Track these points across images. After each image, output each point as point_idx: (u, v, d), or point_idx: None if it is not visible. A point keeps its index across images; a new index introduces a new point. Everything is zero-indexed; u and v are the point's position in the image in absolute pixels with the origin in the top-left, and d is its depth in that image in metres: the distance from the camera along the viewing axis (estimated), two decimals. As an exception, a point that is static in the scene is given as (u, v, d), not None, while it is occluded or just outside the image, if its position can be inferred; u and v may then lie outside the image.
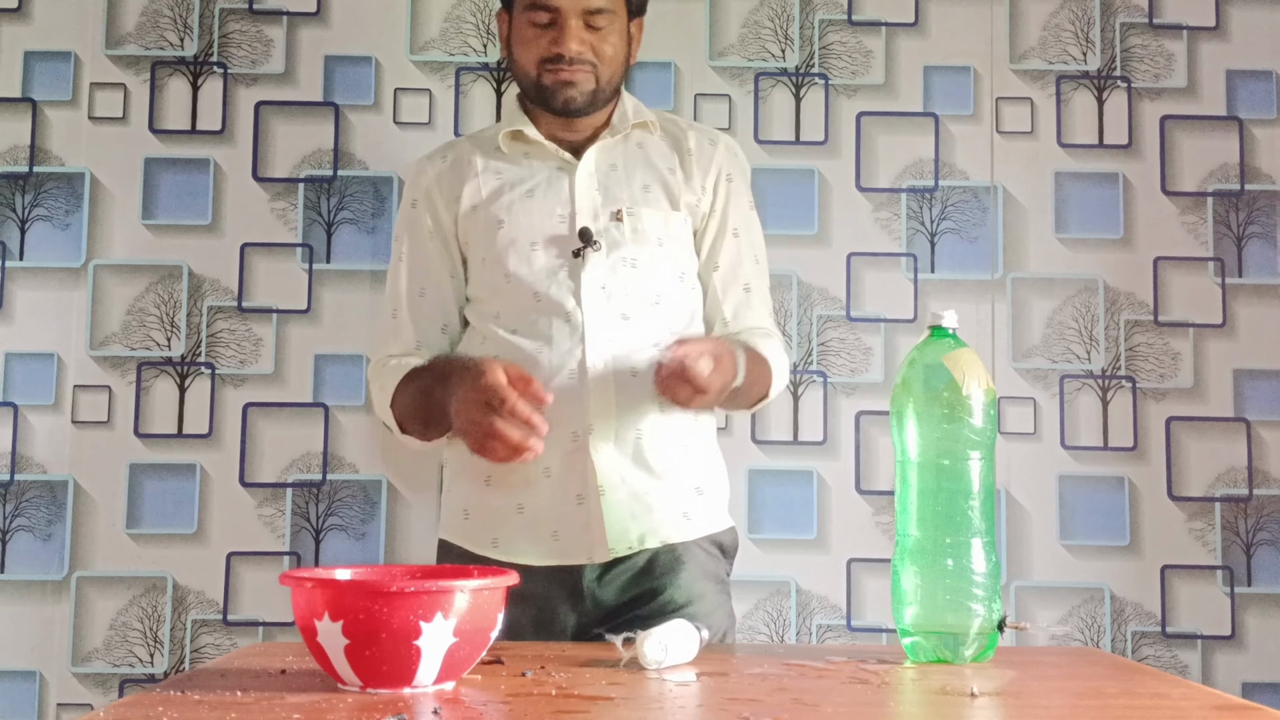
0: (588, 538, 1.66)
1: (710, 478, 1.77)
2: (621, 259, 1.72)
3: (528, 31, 1.75)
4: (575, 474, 1.66)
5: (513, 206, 1.75)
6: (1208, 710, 1.15)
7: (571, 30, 1.71)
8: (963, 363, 1.41)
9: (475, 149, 1.82)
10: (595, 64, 1.73)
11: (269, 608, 2.21)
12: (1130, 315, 2.28)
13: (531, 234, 1.73)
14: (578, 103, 1.74)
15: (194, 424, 2.23)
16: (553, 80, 1.73)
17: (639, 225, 1.74)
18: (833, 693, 1.22)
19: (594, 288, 1.70)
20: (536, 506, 1.67)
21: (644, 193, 1.77)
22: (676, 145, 1.82)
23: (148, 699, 1.13)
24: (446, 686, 1.20)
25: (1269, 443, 2.26)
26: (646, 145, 1.81)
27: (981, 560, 1.40)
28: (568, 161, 1.76)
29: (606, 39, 1.74)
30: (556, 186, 1.76)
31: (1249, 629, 2.23)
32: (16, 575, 2.20)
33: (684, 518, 1.71)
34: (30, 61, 2.28)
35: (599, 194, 1.75)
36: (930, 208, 2.29)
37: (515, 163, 1.78)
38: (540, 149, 1.78)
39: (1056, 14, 2.33)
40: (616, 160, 1.78)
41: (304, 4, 2.31)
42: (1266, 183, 2.31)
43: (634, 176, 1.78)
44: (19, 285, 2.25)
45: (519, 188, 1.76)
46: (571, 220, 1.73)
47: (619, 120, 1.79)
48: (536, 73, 1.74)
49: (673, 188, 1.78)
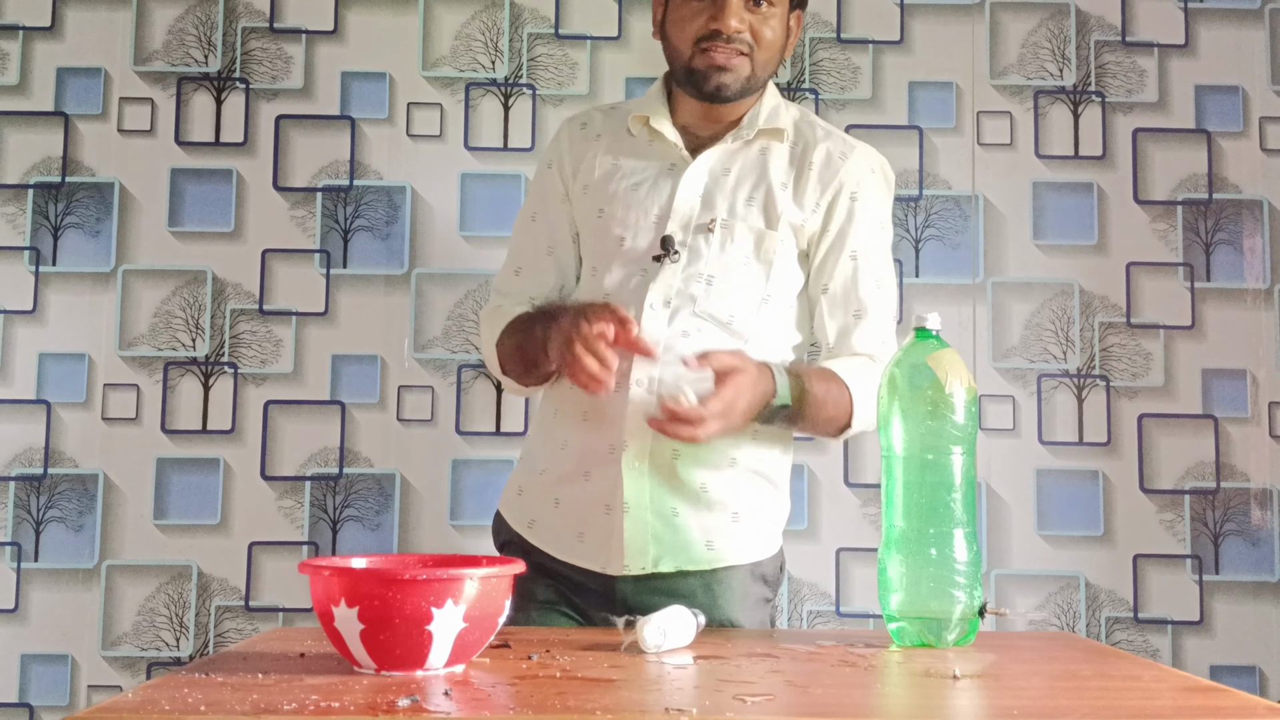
0: (607, 549, 1.59)
1: (753, 505, 1.64)
2: (698, 273, 1.59)
3: (686, 8, 1.61)
4: (607, 485, 1.57)
5: (615, 198, 1.65)
6: (1177, 692, 1.15)
7: (733, 7, 1.57)
8: (945, 363, 1.41)
9: (608, 124, 1.72)
10: (753, 47, 1.60)
11: (288, 594, 2.20)
12: (1104, 318, 2.28)
13: (622, 230, 1.63)
14: (731, 89, 1.61)
15: (217, 421, 2.23)
16: (705, 64, 1.59)
17: (729, 240, 1.61)
18: (822, 674, 1.22)
19: (659, 302, 1.59)
20: (570, 505, 1.62)
21: (746, 206, 1.62)
22: (801, 157, 1.66)
23: (174, 681, 1.13)
24: (457, 669, 1.20)
25: (1235, 438, 2.26)
26: (770, 153, 1.66)
27: (963, 550, 1.40)
28: (682, 159, 1.64)
29: (767, 22, 1.60)
30: (662, 186, 1.64)
31: (1217, 615, 2.23)
32: (50, 564, 2.20)
33: (707, 547, 1.59)
34: (63, 77, 2.28)
35: (699, 201, 1.62)
36: (915, 216, 2.29)
37: (635, 149, 1.68)
38: (663, 141, 1.66)
39: (1034, 32, 2.33)
40: (732, 166, 1.64)
41: (322, 23, 2.31)
42: (1233, 192, 2.31)
43: (742, 186, 1.63)
44: (52, 289, 2.25)
45: (628, 179, 1.66)
46: (662, 224, 1.62)
47: (749, 123, 1.65)
48: (690, 53, 1.60)
49: (778, 203, 1.62)
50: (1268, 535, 2.25)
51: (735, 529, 1.62)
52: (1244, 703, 1.10)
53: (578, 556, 1.62)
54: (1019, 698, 1.13)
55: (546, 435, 1.69)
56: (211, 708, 1.01)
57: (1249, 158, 2.31)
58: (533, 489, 1.68)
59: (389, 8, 2.31)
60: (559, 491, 1.64)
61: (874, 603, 2.15)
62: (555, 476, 1.64)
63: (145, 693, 1.07)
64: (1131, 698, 1.12)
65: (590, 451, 1.60)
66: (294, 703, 1.04)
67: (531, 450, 1.73)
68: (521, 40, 2.31)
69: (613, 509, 1.58)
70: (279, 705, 1.03)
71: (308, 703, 1.04)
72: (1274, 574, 2.24)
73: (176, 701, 1.04)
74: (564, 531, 1.63)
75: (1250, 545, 2.25)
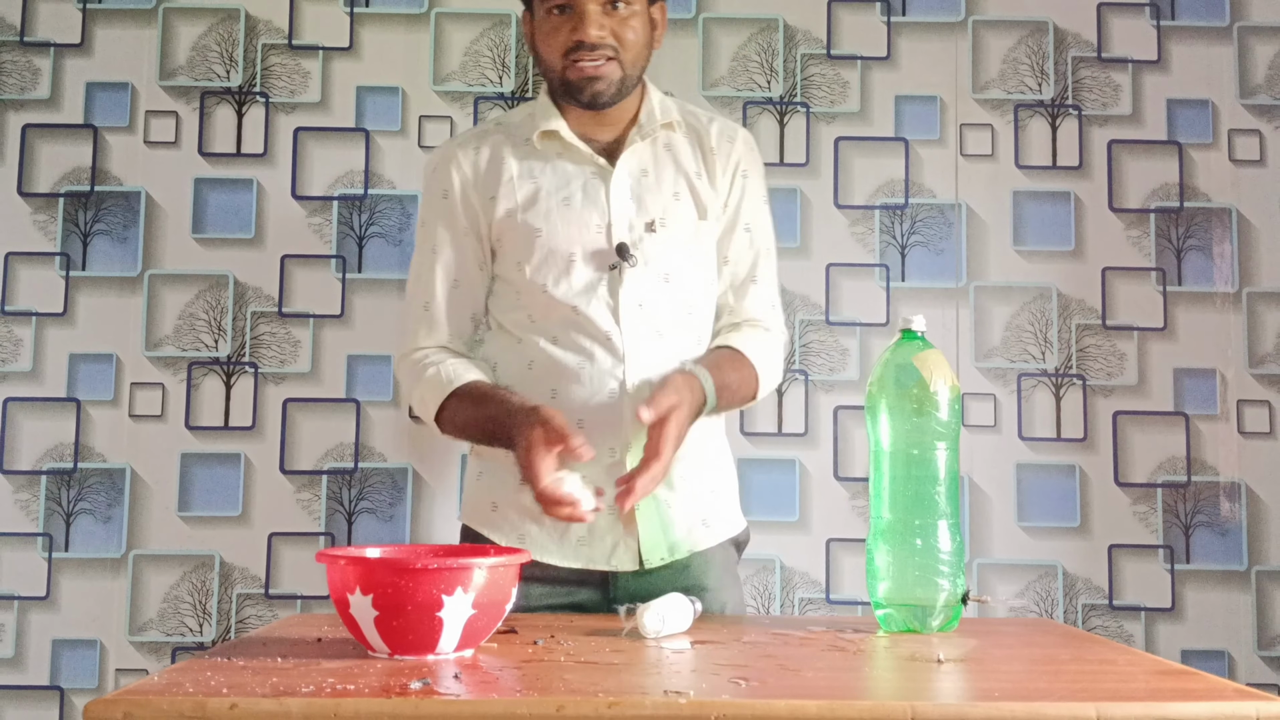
0: (620, 548, 1.58)
1: (722, 480, 1.69)
2: (655, 273, 1.60)
3: (548, 24, 1.58)
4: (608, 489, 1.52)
5: (550, 215, 1.60)
6: (1150, 675, 1.16)
7: (591, 16, 1.55)
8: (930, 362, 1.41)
9: (507, 142, 1.65)
10: (617, 49, 1.57)
11: (306, 583, 2.20)
12: (1080, 320, 2.28)
13: (570, 245, 1.59)
14: (605, 95, 1.58)
15: (239, 418, 2.23)
16: (577, 75, 1.57)
17: (671, 236, 1.61)
18: (813, 659, 1.22)
19: (631, 305, 1.58)
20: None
21: (674, 201, 1.63)
22: (700, 143, 1.67)
23: (197, 664, 1.13)
24: (466, 654, 1.20)
25: (1205, 434, 2.26)
26: (674, 146, 1.66)
27: (947, 540, 1.40)
28: (602, 167, 1.62)
29: (628, 23, 1.58)
30: (593, 195, 1.61)
31: (1187, 602, 2.23)
32: (79, 554, 2.20)
33: (704, 525, 1.63)
34: (92, 92, 2.28)
35: (633, 203, 1.61)
36: (901, 223, 2.29)
37: (549, 163, 1.63)
38: (573, 151, 1.63)
39: (1014, 49, 2.33)
40: (648, 165, 1.64)
41: (338, 39, 2.31)
42: (1203, 200, 2.31)
43: (664, 183, 1.63)
44: (82, 293, 2.25)
45: (556, 195, 1.61)
46: (608, 232, 1.59)
47: (647, 120, 1.64)
48: (561, 66, 1.58)
49: (701, 194, 1.64)
50: (1236, 526, 2.25)
51: (718, 504, 1.67)
52: (1213, 685, 1.10)
53: (580, 560, 1.59)
54: (1000, 681, 1.13)
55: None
56: (233, 690, 1.01)
57: (1218, 168, 2.31)
58: (515, 502, 1.61)
59: (402, 25, 2.31)
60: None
61: (862, 590, 2.16)
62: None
63: (170, 676, 1.08)
64: (1107, 680, 1.12)
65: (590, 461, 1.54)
66: (311, 685, 1.04)
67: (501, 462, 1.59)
68: (526, 56, 2.30)
69: (620, 511, 1.54)
70: (297, 687, 1.03)
71: (324, 685, 1.04)
72: (1242, 563, 2.24)
73: (200, 684, 1.04)
74: (564, 539, 1.59)
75: (1219, 536, 2.25)
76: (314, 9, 2.31)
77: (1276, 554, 2.24)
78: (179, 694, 1.00)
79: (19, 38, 2.29)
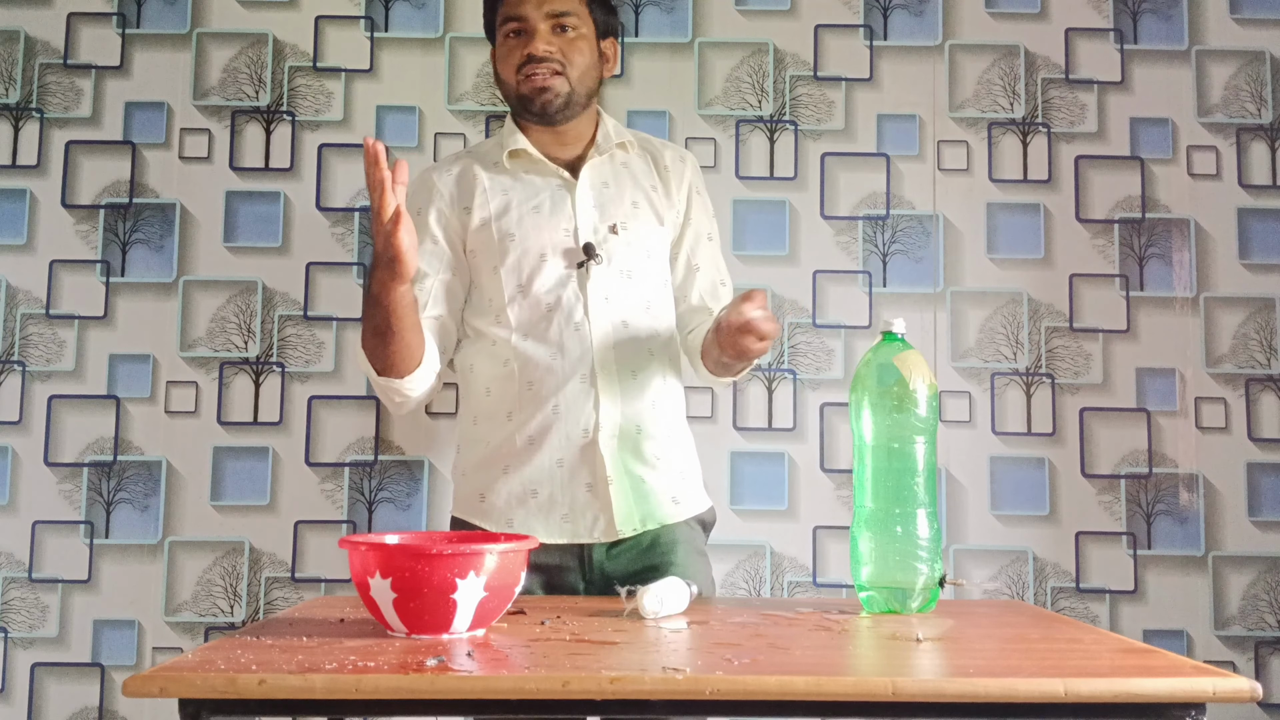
0: (597, 520, 1.62)
1: (689, 463, 1.74)
2: (619, 270, 1.66)
3: (504, 47, 1.68)
4: (586, 466, 1.62)
5: (522, 221, 1.66)
6: (1114, 653, 1.16)
7: (540, 33, 1.64)
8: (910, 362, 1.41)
9: (476, 163, 1.72)
10: (564, 64, 1.65)
11: (329, 567, 2.20)
12: (1050, 323, 2.28)
13: (541, 246, 1.65)
14: (554, 105, 1.65)
15: (267, 413, 2.23)
16: (529, 88, 1.65)
17: (632, 239, 1.68)
18: (801, 638, 1.22)
19: (599, 298, 1.64)
20: (550, 493, 1.62)
21: (634, 209, 1.70)
22: (655, 163, 1.76)
23: (229, 643, 1.13)
24: (478, 633, 1.20)
25: (1166, 429, 2.26)
26: (630, 164, 1.74)
27: (925, 527, 1.40)
28: (567, 180, 1.69)
29: (574, 44, 1.66)
30: (559, 203, 1.67)
31: (1149, 585, 2.23)
32: (119, 540, 2.20)
33: (673, 502, 1.67)
34: (130, 110, 2.28)
35: (596, 210, 1.68)
36: (882, 233, 2.29)
37: (517, 178, 1.69)
38: (540, 166, 1.69)
39: (988, 71, 2.33)
40: (607, 178, 1.71)
41: (359, 62, 2.31)
42: (1164, 212, 2.31)
43: (624, 194, 1.71)
44: (121, 298, 2.25)
45: (526, 204, 1.67)
46: (575, 234, 1.65)
47: (603, 140, 1.72)
48: (516, 82, 1.66)
49: (657, 205, 1.72)
50: (1194, 515, 2.24)
51: (685, 485, 1.71)
52: (1173, 662, 1.10)
53: (564, 535, 1.62)
54: (975, 658, 1.13)
55: (503, 436, 1.65)
56: (261, 666, 1.01)
57: (1178, 182, 2.31)
58: (499, 490, 1.64)
59: (419, 49, 2.31)
60: (535, 484, 1.62)
61: (847, 574, 2.16)
62: (525, 473, 1.63)
63: (203, 653, 1.08)
64: (1074, 658, 1.12)
65: (567, 439, 1.62)
66: (334, 662, 1.04)
67: (485, 457, 1.66)
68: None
69: (595, 485, 1.62)
70: (321, 664, 1.03)
71: (346, 662, 1.04)
72: (1200, 549, 2.24)
73: (231, 661, 1.04)
74: (549, 517, 1.62)
75: (1178, 524, 2.24)
76: (337, 33, 2.31)
77: (1232, 540, 2.24)
78: (211, 670, 1.00)
79: (63, 60, 2.29)
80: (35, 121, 2.27)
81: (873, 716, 1.05)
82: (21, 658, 2.17)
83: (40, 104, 2.28)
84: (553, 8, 1.66)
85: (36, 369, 2.22)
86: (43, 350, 2.23)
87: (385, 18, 2.31)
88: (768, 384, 2.25)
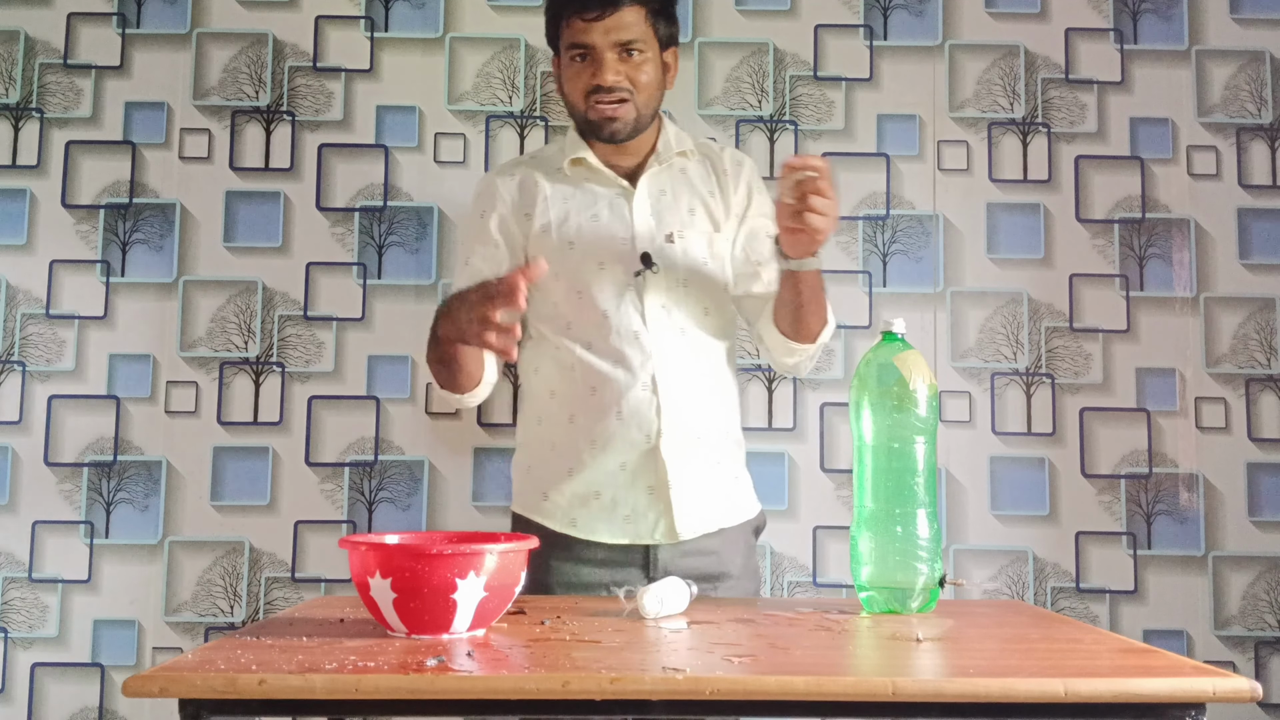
0: (659, 523, 1.65)
1: (741, 468, 1.78)
2: (676, 279, 1.68)
3: (571, 68, 1.69)
4: (648, 470, 1.64)
5: (581, 229, 1.69)
6: (1114, 653, 1.16)
7: (607, 63, 1.65)
8: (910, 362, 1.41)
9: (538, 170, 1.75)
10: (632, 91, 1.66)
11: (330, 567, 2.20)
12: (1049, 323, 2.28)
13: (599, 255, 1.67)
14: (622, 134, 1.68)
15: (267, 413, 2.23)
16: (597, 116, 1.67)
17: (688, 247, 1.69)
18: (801, 638, 1.22)
19: (656, 307, 1.66)
20: (614, 495, 1.65)
21: (690, 216, 1.71)
22: (714, 167, 1.77)
23: (229, 643, 1.13)
24: (478, 633, 1.20)
25: (1165, 429, 2.26)
26: (689, 171, 1.75)
27: (925, 527, 1.40)
28: (625, 189, 1.71)
29: (641, 68, 1.67)
30: (618, 211, 1.70)
31: (1149, 585, 2.23)
32: (119, 540, 2.20)
33: (731, 506, 1.71)
34: (130, 110, 2.28)
35: (653, 219, 1.70)
36: (882, 233, 2.29)
37: (578, 186, 1.72)
38: (600, 175, 1.72)
39: (988, 71, 2.33)
40: (665, 186, 1.73)
41: (359, 62, 2.31)
42: (1163, 212, 2.31)
43: (680, 201, 1.72)
44: (121, 298, 2.25)
45: (585, 212, 1.70)
46: (633, 243, 1.68)
47: (664, 148, 1.73)
48: (584, 106, 1.68)
49: (714, 211, 1.73)
50: (1194, 515, 2.24)
51: (738, 488, 1.75)
52: (1173, 662, 1.10)
53: (626, 537, 1.65)
54: (975, 658, 1.13)
55: (566, 439, 1.68)
56: (261, 666, 1.01)
57: (1177, 182, 2.31)
58: (563, 491, 1.68)
59: (419, 49, 2.31)
60: (599, 485, 1.66)
61: (847, 574, 2.16)
62: (590, 475, 1.66)
63: (203, 653, 1.07)
64: (1074, 658, 1.12)
65: (630, 445, 1.64)
66: (334, 662, 1.04)
67: (549, 455, 1.70)
68: (535, 78, 2.30)
69: (656, 489, 1.64)
70: (321, 664, 1.03)
71: (346, 662, 1.04)
72: (1200, 549, 2.24)
73: (231, 661, 1.04)
74: (611, 518, 1.66)
75: (1178, 523, 2.24)
76: (337, 33, 2.31)
77: (1232, 540, 2.24)
78: (211, 670, 1.00)
79: (63, 60, 2.29)
80: (35, 121, 2.27)
81: (873, 716, 1.05)
82: (21, 658, 2.17)
83: (40, 104, 2.28)
84: (620, 36, 1.65)
85: (36, 369, 2.22)
86: (43, 350, 2.23)
87: (385, 18, 2.31)
88: (768, 384, 2.25)
